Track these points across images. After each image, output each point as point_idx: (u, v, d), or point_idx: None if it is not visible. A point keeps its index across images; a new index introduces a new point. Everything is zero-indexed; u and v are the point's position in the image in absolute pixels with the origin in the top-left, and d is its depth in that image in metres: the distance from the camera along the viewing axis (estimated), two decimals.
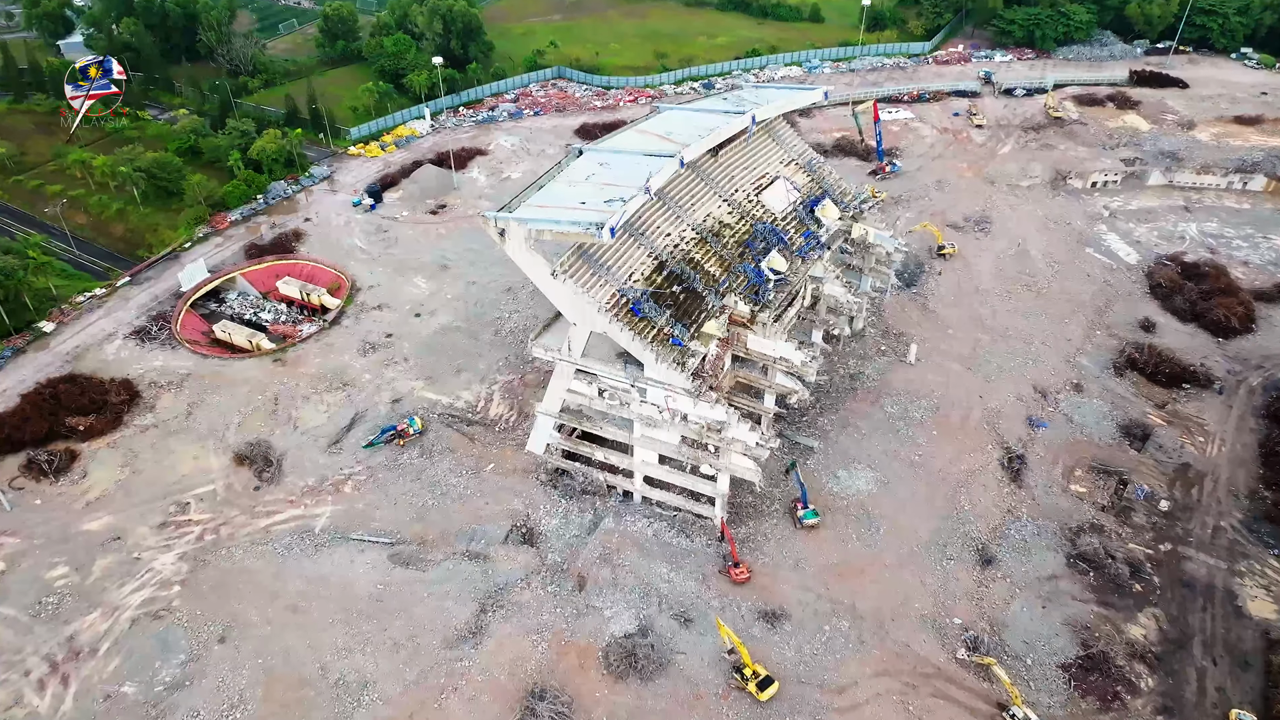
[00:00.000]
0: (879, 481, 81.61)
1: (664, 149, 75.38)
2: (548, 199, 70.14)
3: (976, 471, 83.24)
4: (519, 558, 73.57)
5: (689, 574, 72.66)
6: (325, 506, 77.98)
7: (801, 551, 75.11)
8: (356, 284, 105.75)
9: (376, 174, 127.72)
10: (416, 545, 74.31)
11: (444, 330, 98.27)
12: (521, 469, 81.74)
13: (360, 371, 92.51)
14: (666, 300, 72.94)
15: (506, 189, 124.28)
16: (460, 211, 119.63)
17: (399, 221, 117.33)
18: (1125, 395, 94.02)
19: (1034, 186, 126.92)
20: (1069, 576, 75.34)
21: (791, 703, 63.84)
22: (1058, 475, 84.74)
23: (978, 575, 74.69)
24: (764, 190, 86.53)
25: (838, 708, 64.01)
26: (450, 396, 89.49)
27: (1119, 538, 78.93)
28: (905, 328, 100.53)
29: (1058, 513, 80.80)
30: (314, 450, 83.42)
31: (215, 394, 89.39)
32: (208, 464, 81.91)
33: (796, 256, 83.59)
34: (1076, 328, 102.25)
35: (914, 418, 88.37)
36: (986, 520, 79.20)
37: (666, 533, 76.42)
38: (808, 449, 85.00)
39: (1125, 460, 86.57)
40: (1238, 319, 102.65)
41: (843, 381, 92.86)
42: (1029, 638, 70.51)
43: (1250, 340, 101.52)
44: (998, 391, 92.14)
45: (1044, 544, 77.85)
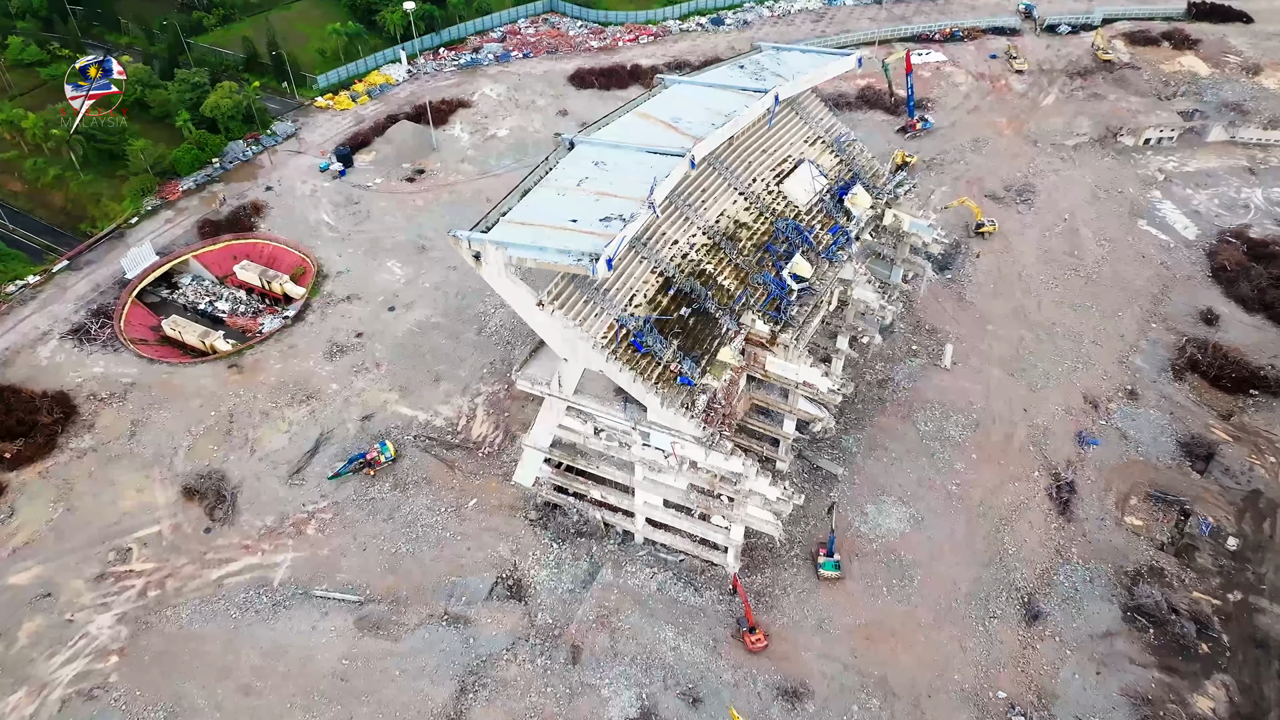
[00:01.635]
0: (912, 519, 72.21)
1: (671, 145, 63.06)
2: (532, 213, 58.38)
3: (1022, 504, 73.76)
4: (505, 619, 64.71)
5: (698, 639, 63.93)
6: (285, 553, 68.74)
7: (825, 609, 66.25)
8: (323, 269, 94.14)
9: (347, 131, 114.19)
10: (388, 604, 65.34)
11: (421, 328, 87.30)
12: (508, 505, 72.21)
13: (326, 380, 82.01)
14: (674, 327, 61.96)
15: (492, 150, 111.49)
16: (440, 178, 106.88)
17: (371, 190, 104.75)
18: (1185, 404, 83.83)
19: (1081, 146, 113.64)
20: (1126, 634, 66.73)
21: None
22: (1111, 505, 75.33)
23: (1023, 635, 66.04)
24: (786, 178, 74.22)
25: None
26: (427, 412, 79.26)
27: (1181, 584, 70.04)
28: (939, 322, 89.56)
29: (1112, 553, 71.72)
30: (273, 480, 73.70)
31: (163, 409, 79.12)
32: (153, 498, 72.32)
33: (823, 259, 72.01)
34: (1130, 321, 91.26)
35: (951, 437, 78.40)
36: (1033, 564, 70.17)
37: (672, 585, 67.42)
38: (831, 476, 75.35)
39: (1186, 486, 77.03)
40: None
41: (869, 390, 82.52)
42: (1082, 711, 62.36)
43: None
44: (1044, 403, 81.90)
45: (1097, 593, 69.02)
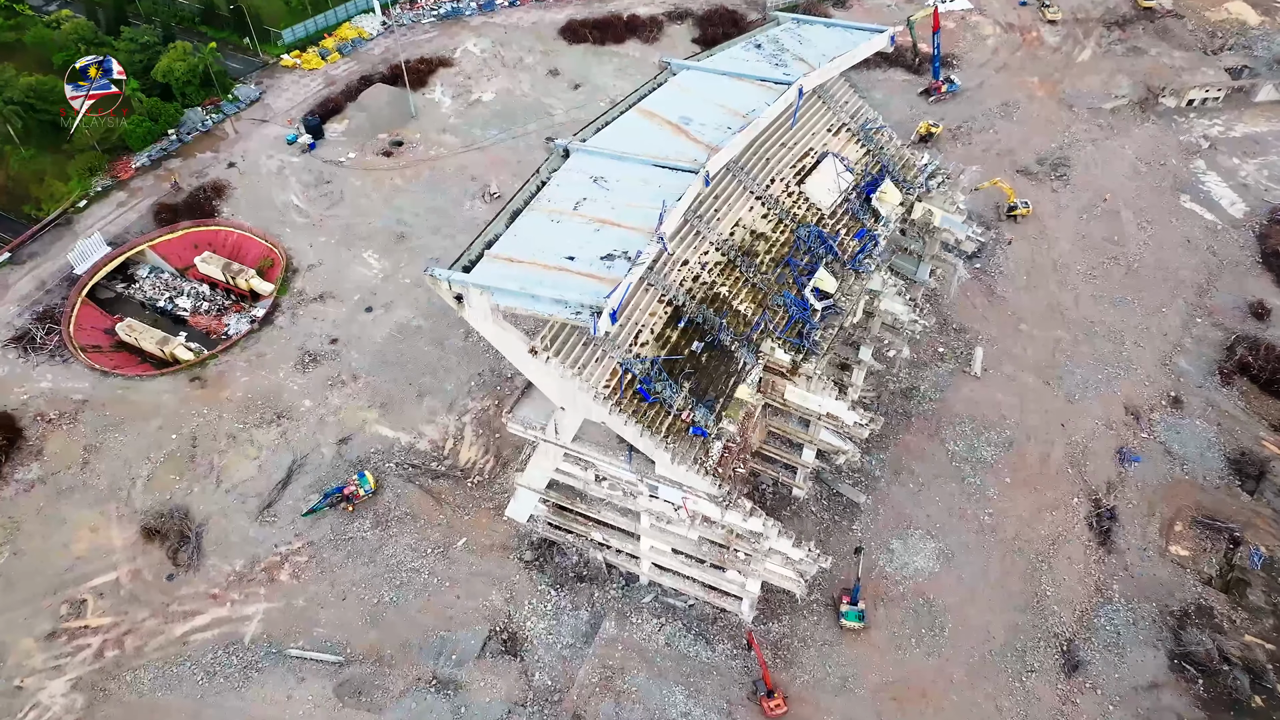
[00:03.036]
0: (942, 556, 66.29)
1: (681, 156, 54.48)
2: (522, 245, 50.15)
3: (1060, 537, 67.83)
4: (499, 681, 59.06)
5: (710, 703, 58.51)
6: (257, 604, 62.59)
7: (849, 664, 60.76)
8: (293, 261, 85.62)
9: (316, 95, 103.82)
10: (371, 665, 59.52)
11: (402, 332, 79.47)
12: (500, 544, 65.91)
13: (298, 396, 74.60)
14: (684, 366, 54.51)
15: (476, 117, 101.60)
16: (420, 151, 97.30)
17: (345, 166, 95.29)
18: (1233, 412, 77.30)
19: (1119, 109, 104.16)
20: (1173, 685, 61.62)
21: None
22: (1154, 533, 69.50)
23: (1062, 689, 60.86)
24: (807, 176, 65.75)
25: None
26: (410, 433, 72.20)
27: (1232, 625, 64.70)
28: (968, 320, 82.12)
29: (1156, 589, 66.18)
30: (242, 517, 67.08)
31: (119, 432, 71.86)
32: (109, 539, 65.77)
33: (849, 270, 64.23)
34: (1174, 316, 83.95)
35: (983, 458, 71.95)
36: (1071, 605, 64.63)
37: (681, 638, 61.69)
38: (852, 504, 69.12)
39: (1236, 510, 71.10)
40: None
41: (893, 401, 75.65)
42: None
43: None
44: (1083, 416, 75.25)
45: (1140, 637, 63.70)
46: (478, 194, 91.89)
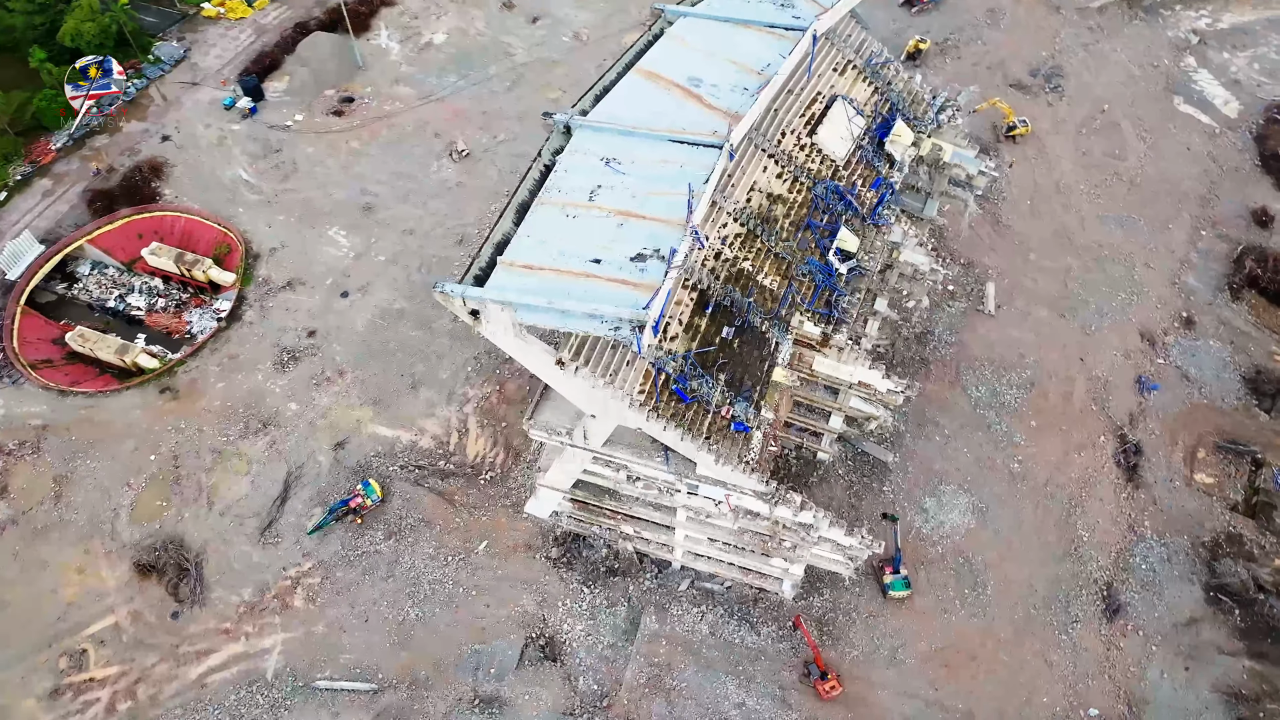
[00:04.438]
0: (976, 510, 64.92)
1: (699, 125, 49.16)
2: (537, 249, 44.90)
3: (1090, 477, 66.85)
4: (544, 691, 56.78)
5: (763, 690, 57.14)
6: (274, 635, 58.86)
7: (897, 634, 59.68)
8: (252, 245, 78.33)
9: (249, 50, 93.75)
10: (407, 689, 56.66)
11: (384, 318, 73.67)
12: (524, 544, 62.63)
13: (282, 399, 69.08)
14: (717, 356, 50.54)
15: (430, 64, 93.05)
16: (373, 107, 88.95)
17: (293, 131, 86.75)
18: (1245, 329, 76.35)
19: (1106, 8, 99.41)
20: (1211, 619, 61.96)
21: None
22: (1179, 462, 68.98)
23: (1106, 635, 60.79)
24: (818, 125, 60.67)
25: None
26: (411, 431, 67.57)
27: (1262, 551, 64.97)
28: (976, 254, 79.02)
29: (1185, 521, 65.99)
30: (242, 540, 62.55)
31: (89, 458, 65.94)
32: (100, 580, 60.90)
33: (869, 225, 60.21)
34: (1180, 231, 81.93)
35: (1006, 402, 70.08)
36: (1107, 548, 64.16)
37: (725, 624, 59.82)
38: (880, 464, 67.01)
39: (1255, 431, 70.80)
40: None
41: (908, 348, 72.88)
42: (1175, 717, 58.21)
43: None
44: (1100, 348, 73.55)
45: (1176, 572, 63.69)
46: (444, 152, 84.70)
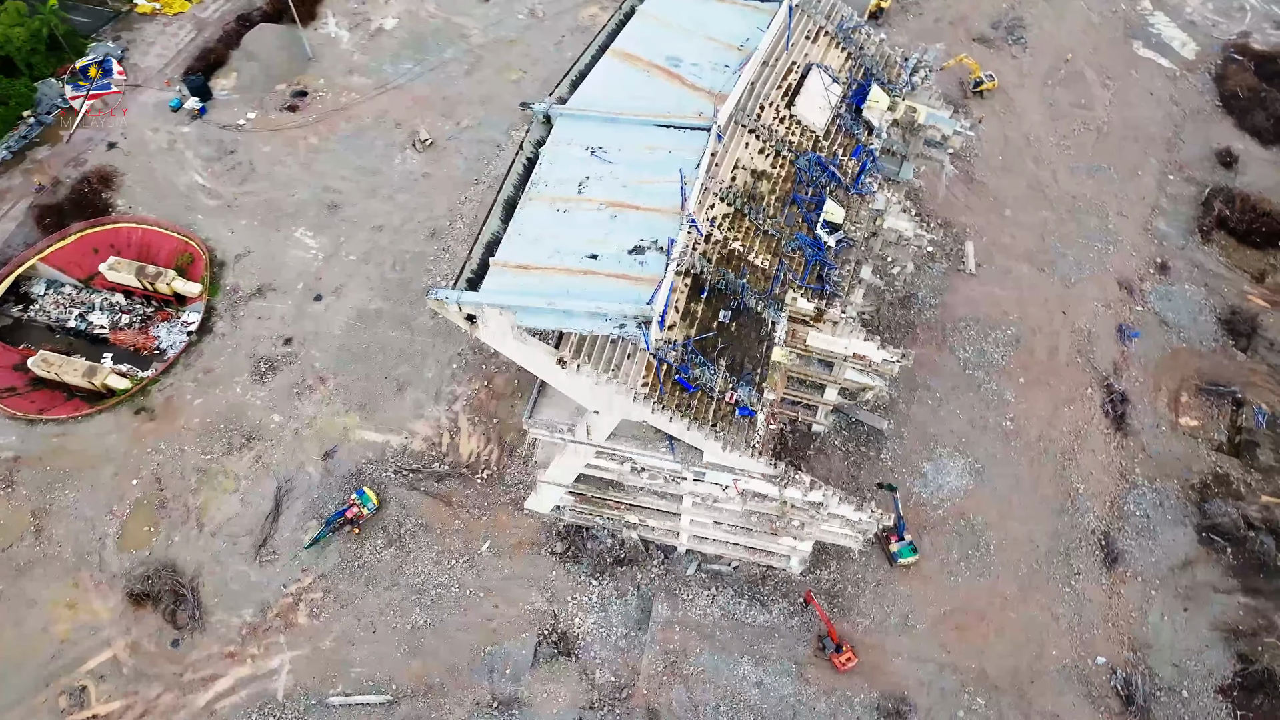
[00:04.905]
0: (973, 471, 65.47)
1: (682, 106, 48.05)
2: (530, 247, 43.65)
3: (1081, 429, 67.74)
4: (561, 688, 56.44)
5: (780, 668, 57.38)
6: (280, 654, 57.64)
7: (906, 600, 60.22)
8: (216, 253, 75.52)
9: (191, 47, 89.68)
10: (423, 698, 55.94)
11: (362, 319, 71.68)
12: (527, 540, 61.87)
13: (264, 411, 67.09)
14: (716, 341, 49.86)
15: (383, 51, 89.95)
16: (329, 100, 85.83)
17: (246, 130, 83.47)
18: (1217, 270, 77.64)
19: None
20: (1205, 559, 63.50)
21: None
22: (1163, 407, 70.23)
23: (1107, 584, 62.01)
24: (795, 96, 59.73)
25: None
26: (400, 434, 66.15)
27: (1249, 489, 66.60)
28: (952, 213, 79.01)
29: (1174, 465, 67.32)
30: (237, 561, 60.94)
31: (68, 488, 63.56)
32: (93, 614, 58.97)
33: (853, 195, 59.66)
34: (1149, 177, 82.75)
35: (994, 361, 70.53)
36: (1102, 499, 65.24)
37: (735, 605, 59.83)
38: (875, 432, 67.18)
39: (1234, 370, 72.26)
40: None
41: (893, 314, 72.88)
42: (1177, 657, 59.70)
43: None
44: (1081, 299, 74.24)
45: (1168, 516, 65.03)
46: (406, 143, 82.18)
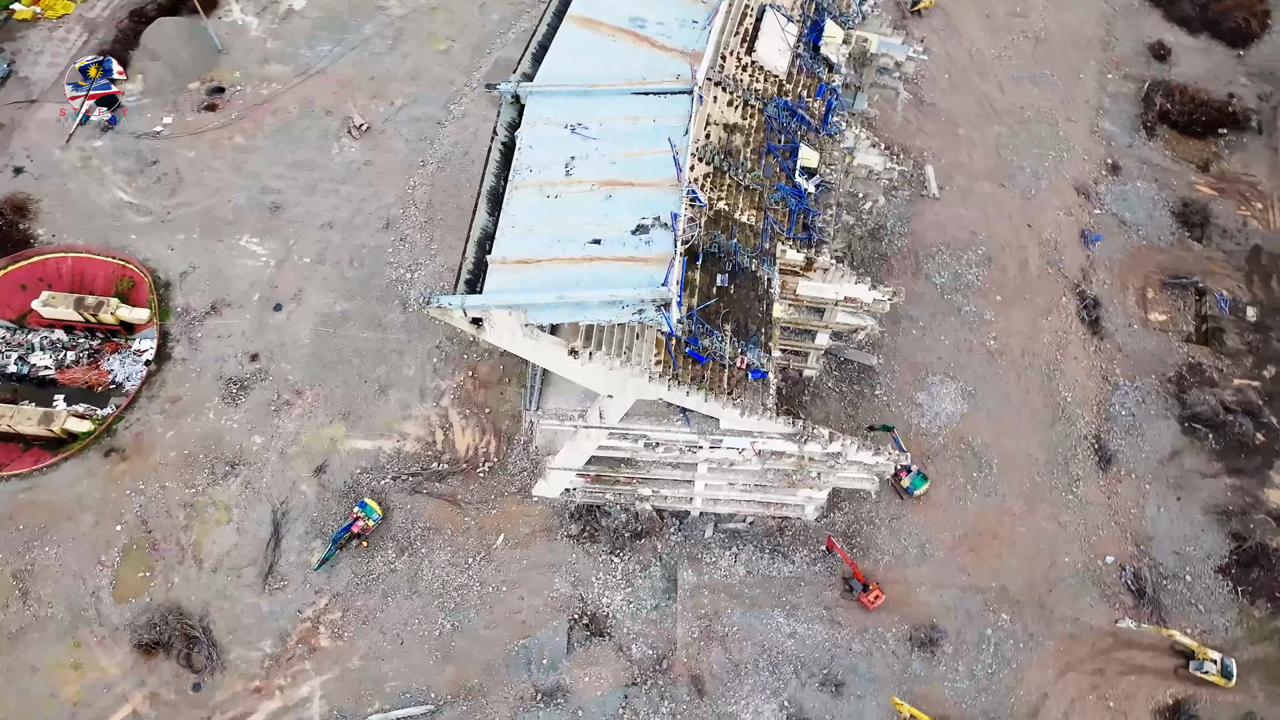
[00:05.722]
0: (966, 395, 66.56)
1: (658, 73, 46.20)
2: (528, 240, 41.80)
3: (1061, 339, 69.28)
4: (601, 670, 56.38)
5: (811, 615, 58.24)
6: (309, 681, 56.14)
7: (920, 531, 61.44)
8: (159, 273, 71.06)
9: (85, 51, 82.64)
10: (464, 702, 55.28)
11: (328, 324, 68.58)
12: (541, 527, 60.98)
13: (243, 434, 64.11)
14: (719, 307, 48.96)
15: (297, 34, 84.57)
16: (248, 94, 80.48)
17: (165, 137, 77.92)
18: (1165, 165, 79.43)
19: None
20: (1190, 448, 66.19)
21: None
22: (1132, 305, 72.27)
23: (1104, 485, 64.25)
24: (754, 41, 58.04)
25: None
26: (391, 438, 64.02)
27: (1221, 374, 69.36)
28: (907, 139, 78.68)
29: (1150, 361, 69.58)
30: (245, 592, 58.76)
31: (48, 544, 60.09)
32: (102, 671, 56.38)
33: (824, 136, 58.75)
34: (1090, 79, 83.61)
35: (969, 283, 71.31)
36: (1089, 405, 67.18)
37: (758, 560, 60.25)
38: (867, 368, 67.61)
39: (1193, 261, 74.57)
40: (1256, 19, 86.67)
41: (864, 248, 72.82)
42: (1177, 545, 62.54)
43: (1269, 44, 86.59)
44: (1043, 210, 75.25)
45: (1151, 412, 67.40)
46: (341, 131, 77.90)
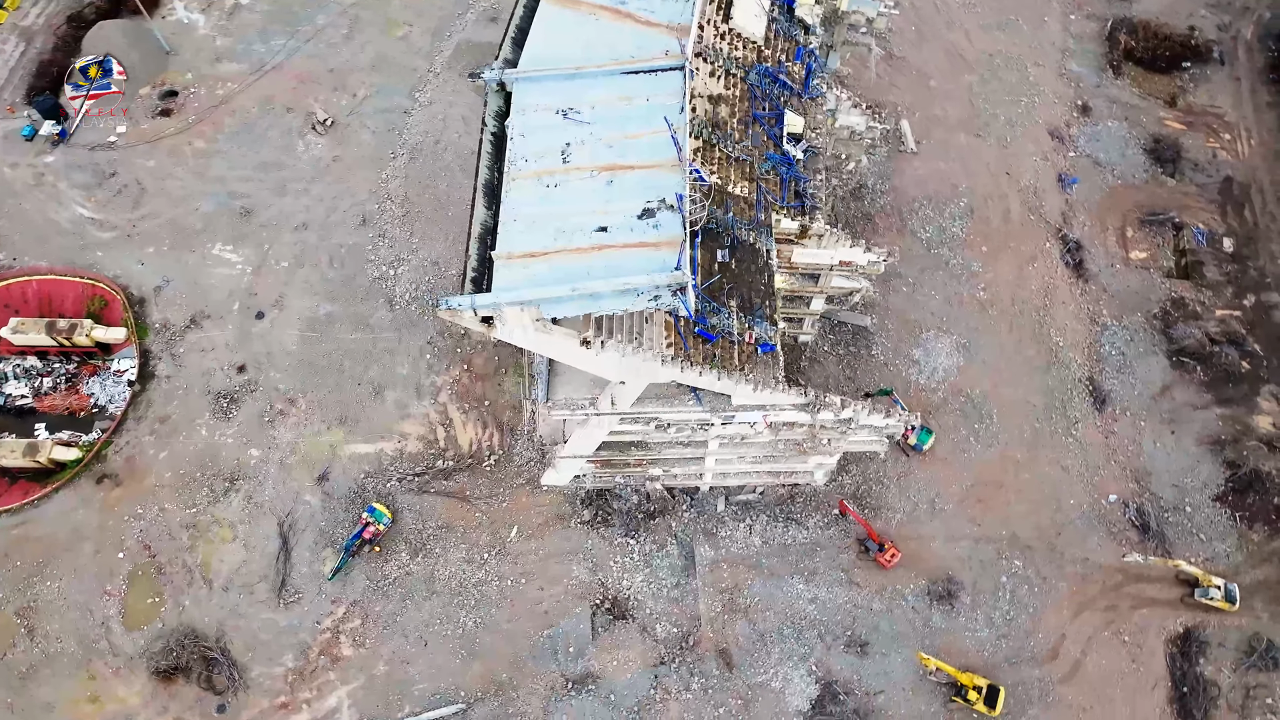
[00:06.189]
0: (961, 348, 67.12)
1: (646, 50, 45.17)
2: (531, 232, 40.85)
3: (1049, 285, 70.08)
4: (628, 652, 56.50)
5: (830, 579, 58.83)
6: (336, 692, 55.57)
7: (929, 486, 62.17)
8: (131, 290, 68.71)
9: (23, 63, 78.96)
10: (495, 697, 55.14)
11: (314, 328, 66.96)
12: (554, 515, 60.60)
13: (238, 448, 62.65)
14: (724, 284, 48.53)
15: (248, 29, 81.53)
16: (203, 97, 77.45)
17: (120, 147, 74.81)
18: (1133, 102, 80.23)
19: None
20: (1179, 382, 67.62)
21: (1018, 696, 55.58)
22: (1113, 245, 73.27)
23: (1101, 426, 65.43)
24: (731, 9, 57.02)
25: (1062, 677, 56.54)
26: (392, 440, 63.00)
27: (1203, 306, 70.76)
28: (879, 94, 78.39)
29: (1134, 299, 70.75)
30: (259, 609, 57.77)
31: (48, 578, 58.42)
32: (120, 702, 55.20)
33: (807, 100, 58.19)
34: (1054, 22, 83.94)
35: (954, 236, 71.64)
36: (1080, 347, 68.21)
37: (772, 530, 60.57)
38: (861, 329, 67.81)
39: (1168, 197, 75.67)
40: None
41: (847, 208, 72.76)
42: (1175, 477, 64.07)
43: None
44: (1020, 157, 75.69)
45: (1140, 349, 68.66)
46: (305, 128, 75.54)
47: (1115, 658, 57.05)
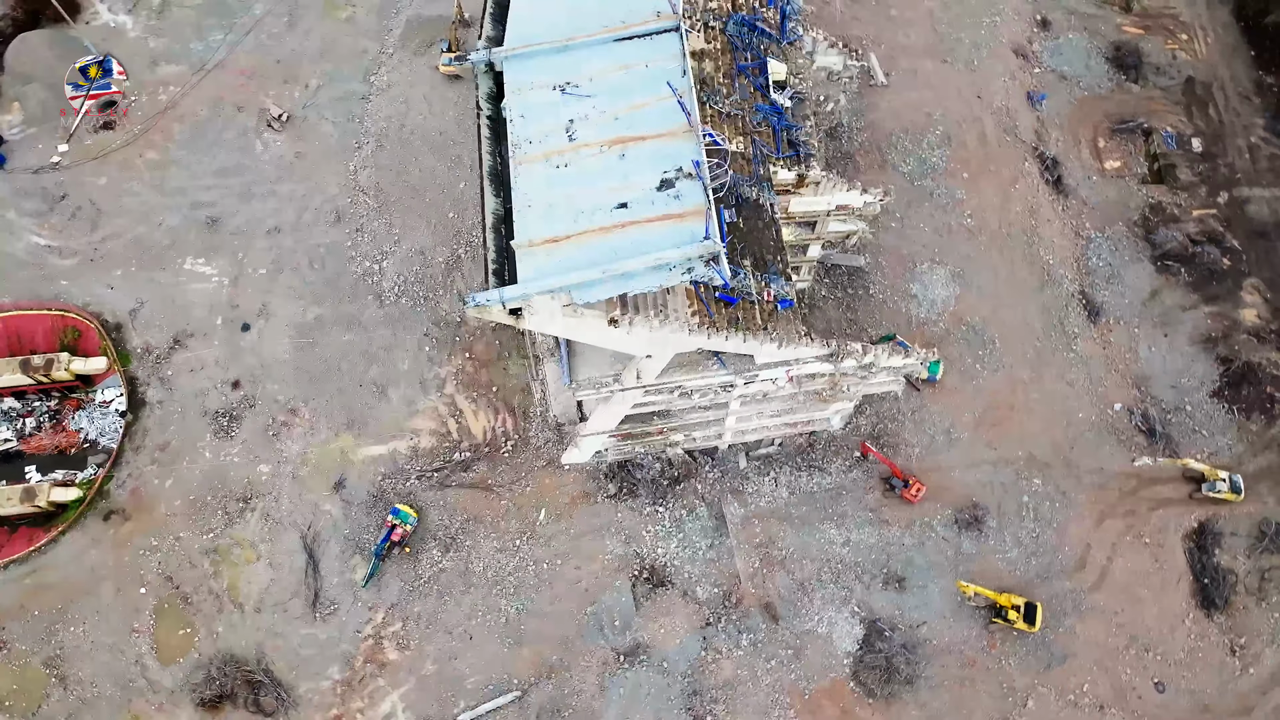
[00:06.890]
0: (955, 276, 67.67)
1: (637, 13, 43.36)
2: (548, 216, 39.53)
3: (1032, 205, 70.69)
4: (674, 619, 56.95)
5: (859, 519, 59.72)
6: (388, 697, 55.23)
7: (942, 417, 63.08)
8: (105, 316, 65.85)
9: None
10: (548, 679, 55.31)
11: (305, 334, 64.94)
12: (579, 493, 60.34)
13: (246, 467, 60.98)
14: (736, 244, 47.93)
15: (182, 26, 77.09)
16: (145, 104, 73.33)
17: (66, 167, 70.77)
18: (1090, 11, 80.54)
19: None
20: (1166, 285, 69.22)
21: (1053, 609, 57.37)
22: (1088, 157, 74.12)
23: (1098, 337, 66.80)
24: None
25: (1092, 585, 58.46)
26: (404, 438, 61.83)
27: (1180, 209, 72.18)
28: (840, 27, 77.13)
29: (1113, 209, 71.91)
30: (297, 625, 56.89)
31: (71, 624, 56.75)
32: None
33: (786, 45, 57.21)
34: None
35: (935, 165, 71.65)
36: (1069, 264, 69.28)
37: (797, 480, 61.11)
38: (855, 270, 67.93)
39: (1134, 103, 76.46)
40: None
41: (826, 149, 71.85)
42: (1172, 379, 65.98)
43: None
44: (990, 79, 75.55)
45: (1125, 257, 70.00)
46: (260, 126, 72.27)
47: (1139, 559, 59.08)
